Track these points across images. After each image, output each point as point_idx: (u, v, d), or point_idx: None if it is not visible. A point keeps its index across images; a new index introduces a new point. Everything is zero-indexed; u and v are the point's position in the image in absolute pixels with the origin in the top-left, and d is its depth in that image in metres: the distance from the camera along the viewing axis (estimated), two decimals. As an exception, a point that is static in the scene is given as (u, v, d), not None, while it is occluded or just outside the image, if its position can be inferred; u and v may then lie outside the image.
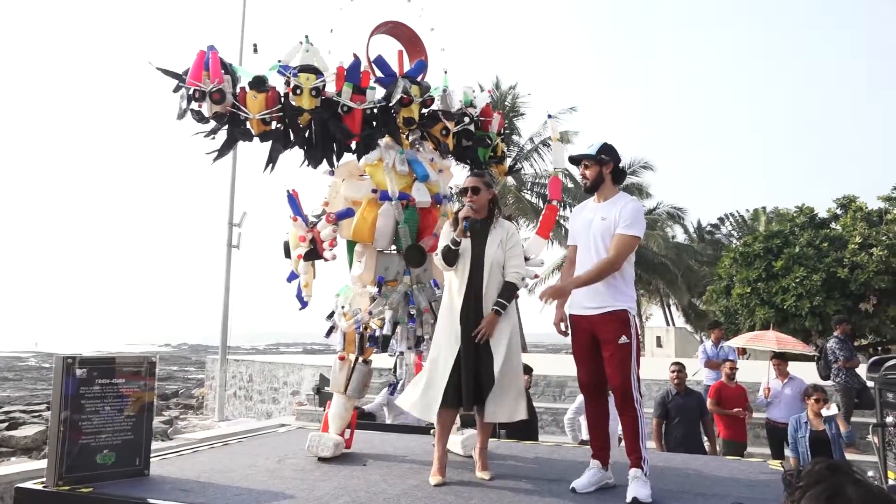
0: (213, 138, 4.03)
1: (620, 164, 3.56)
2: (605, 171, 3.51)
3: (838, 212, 24.50)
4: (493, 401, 3.51)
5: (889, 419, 2.93)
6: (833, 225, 24.26)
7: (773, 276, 22.37)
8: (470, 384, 3.51)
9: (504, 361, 3.51)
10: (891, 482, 2.93)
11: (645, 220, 3.50)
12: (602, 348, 3.36)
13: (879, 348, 22.69)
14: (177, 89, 4.01)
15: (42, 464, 5.01)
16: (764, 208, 33.72)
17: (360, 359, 4.13)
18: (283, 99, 3.98)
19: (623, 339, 3.28)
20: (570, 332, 3.54)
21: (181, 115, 4.00)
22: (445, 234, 3.72)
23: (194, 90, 3.87)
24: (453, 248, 3.61)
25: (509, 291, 3.58)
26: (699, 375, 8.78)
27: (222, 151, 4.08)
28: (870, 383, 3.34)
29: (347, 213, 4.11)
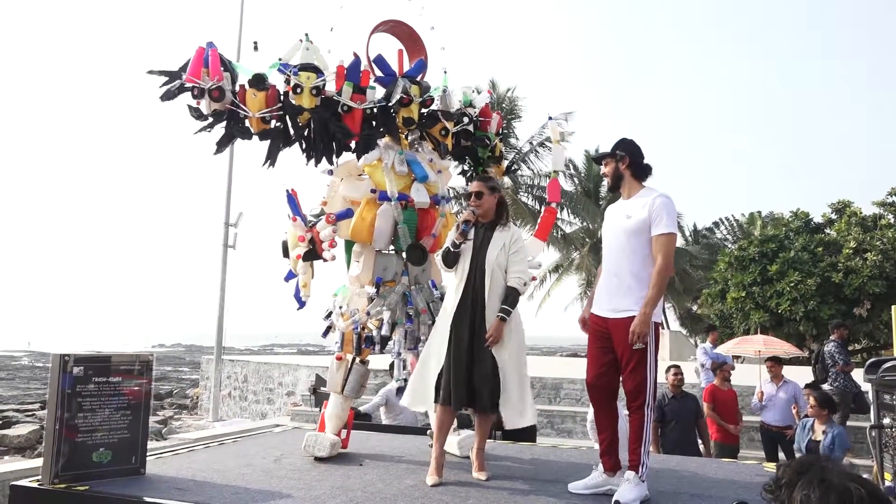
0: (210, 131, 4.01)
1: (642, 159, 3.43)
2: (622, 166, 3.41)
3: (833, 217, 24.59)
4: (506, 406, 3.49)
5: (886, 420, 2.94)
6: (828, 230, 24.33)
7: (768, 280, 22.42)
8: (461, 385, 3.51)
9: (511, 368, 3.51)
10: (888, 483, 2.94)
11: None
12: (617, 351, 3.30)
13: (873, 353, 22.75)
14: (171, 80, 3.96)
15: (36, 462, 4.99)
16: (759, 212, 33.79)
17: (357, 359, 4.12)
18: (282, 97, 3.97)
19: (638, 343, 3.18)
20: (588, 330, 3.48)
21: (167, 97, 3.93)
22: (450, 236, 3.75)
23: (193, 87, 3.85)
24: (452, 250, 3.65)
25: (513, 297, 3.55)
26: (699, 377, 8.83)
27: (221, 144, 4.06)
28: (867, 385, 3.34)
29: (346, 214, 4.10)
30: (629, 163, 3.41)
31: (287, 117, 3.99)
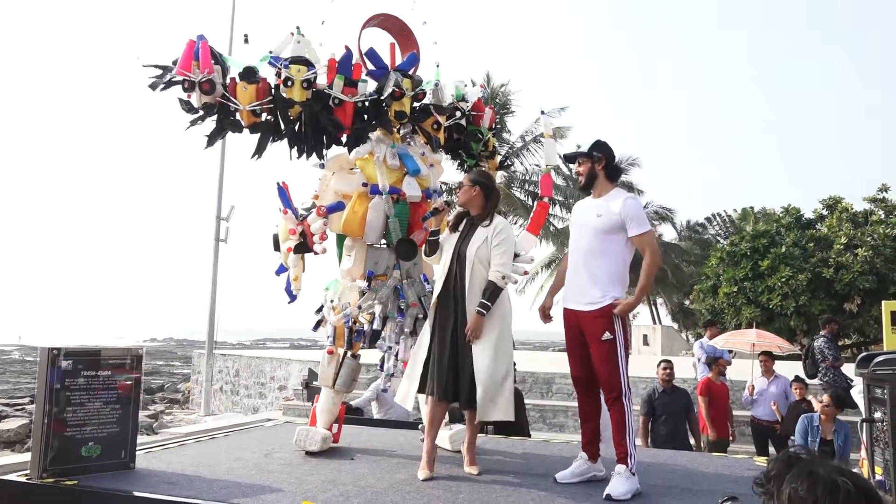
0: (201, 125, 3.98)
1: (615, 161, 3.58)
2: (598, 167, 3.53)
3: (824, 212, 24.73)
4: (485, 399, 3.45)
5: (877, 415, 2.96)
6: (819, 225, 24.46)
7: (760, 275, 22.54)
8: (443, 378, 3.52)
9: (490, 361, 3.48)
10: (878, 478, 2.95)
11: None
12: (589, 344, 3.39)
13: (863, 348, 22.92)
14: (163, 74, 3.92)
15: (25, 457, 4.94)
16: (751, 208, 33.91)
17: (349, 353, 4.11)
18: (273, 90, 3.94)
19: (606, 335, 3.30)
20: (563, 324, 3.56)
21: (154, 87, 3.89)
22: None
23: (184, 80, 3.81)
24: (430, 238, 3.78)
25: (490, 291, 3.52)
26: (696, 371, 8.90)
27: (212, 138, 4.03)
28: (858, 379, 3.37)
29: (338, 207, 4.08)
30: (605, 164, 3.53)
31: (278, 110, 3.96)
